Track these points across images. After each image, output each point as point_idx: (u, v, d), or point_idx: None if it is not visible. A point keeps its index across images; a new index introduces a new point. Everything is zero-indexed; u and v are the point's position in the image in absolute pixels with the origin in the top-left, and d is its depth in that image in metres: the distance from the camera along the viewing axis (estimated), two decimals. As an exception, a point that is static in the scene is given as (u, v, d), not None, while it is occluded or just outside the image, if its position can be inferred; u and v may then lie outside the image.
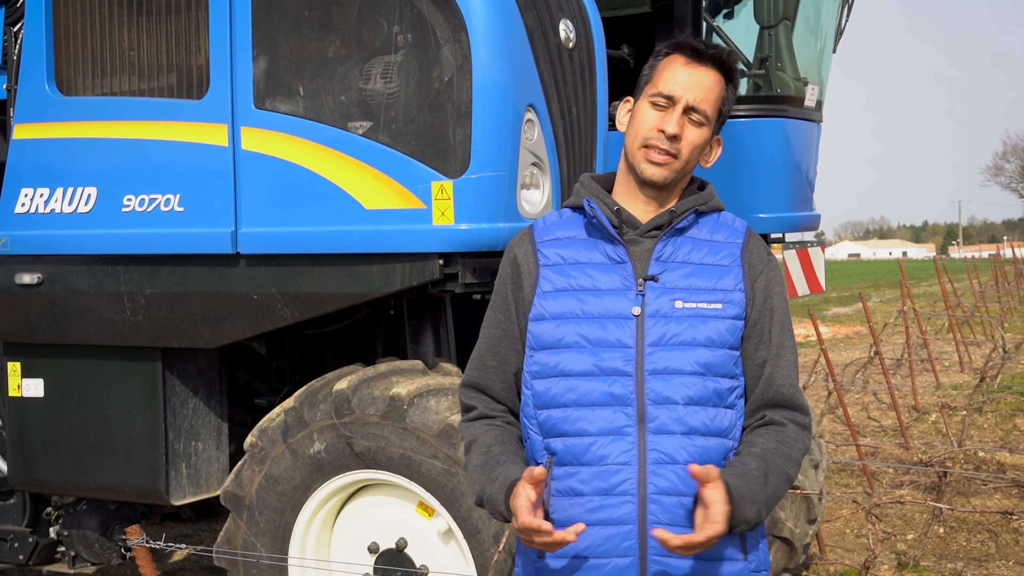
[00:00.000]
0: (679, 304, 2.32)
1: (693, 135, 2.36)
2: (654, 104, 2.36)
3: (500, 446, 2.41)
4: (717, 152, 2.46)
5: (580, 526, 2.19)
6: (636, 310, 2.32)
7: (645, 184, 2.37)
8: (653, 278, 2.34)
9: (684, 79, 2.35)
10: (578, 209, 2.45)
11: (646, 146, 2.35)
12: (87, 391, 4.63)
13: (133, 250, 4.44)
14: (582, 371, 2.32)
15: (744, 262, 2.38)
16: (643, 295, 2.33)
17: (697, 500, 2.22)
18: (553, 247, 2.42)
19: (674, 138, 2.33)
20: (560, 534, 2.17)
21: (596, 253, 2.39)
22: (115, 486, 4.63)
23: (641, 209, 2.40)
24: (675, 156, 2.34)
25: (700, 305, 2.33)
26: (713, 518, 2.16)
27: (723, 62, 2.38)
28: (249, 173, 4.21)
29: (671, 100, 2.35)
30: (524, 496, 2.20)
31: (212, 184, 4.26)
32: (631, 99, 2.45)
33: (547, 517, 2.30)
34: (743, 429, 2.38)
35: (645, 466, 2.28)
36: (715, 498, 2.17)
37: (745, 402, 2.40)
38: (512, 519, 2.24)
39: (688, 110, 2.34)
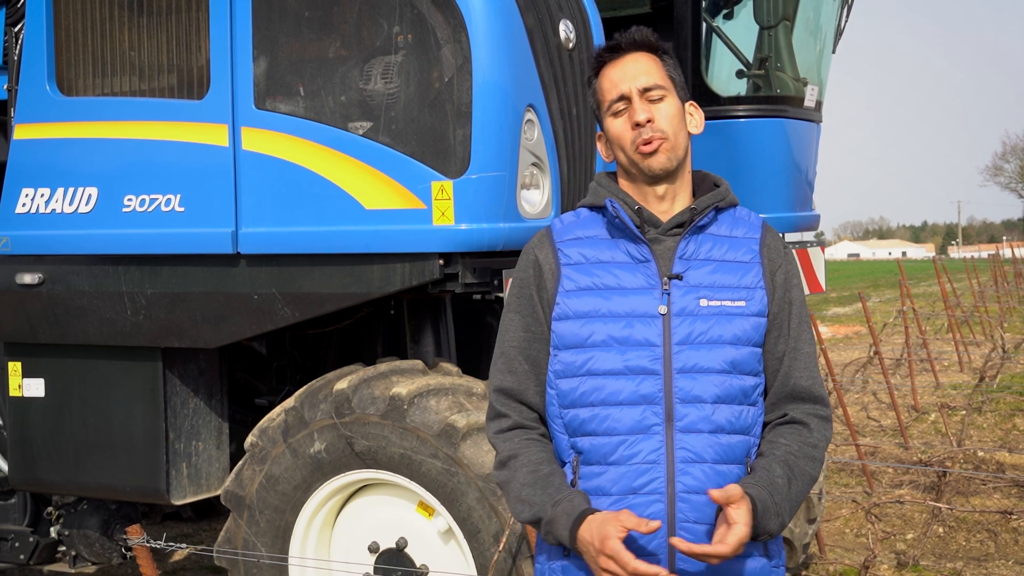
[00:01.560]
0: (704, 302, 2.33)
1: (663, 109, 2.37)
2: (615, 114, 2.39)
3: (549, 466, 2.37)
4: (699, 117, 2.48)
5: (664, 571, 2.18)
6: (662, 309, 2.33)
7: (657, 179, 2.38)
8: (678, 276, 2.34)
9: (619, 75, 2.39)
10: (595, 208, 2.44)
11: (636, 146, 2.36)
12: (88, 391, 4.64)
13: (134, 250, 4.44)
14: (609, 370, 2.32)
15: (763, 257, 2.40)
16: (668, 294, 2.33)
17: (720, 512, 2.22)
18: (574, 246, 2.42)
19: (649, 122, 2.36)
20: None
21: (619, 252, 2.39)
22: (116, 486, 4.63)
23: (656, 208, 2.41)
24: (663, 137, 2.36)
25: (724, 303, 2.34)
26: (730, 539, 2.15)
27: (642, 42, 2.41)
28: (249, 173, 4.22)
29: (624, 98, 2.38)
30: (615, 538, 2.16)
31: (213, 184, 4.27)
32: (600, 133, 2.47)
33: None
34: (764, 425, 2.40)
35: (673, 464, 2.28)
36: (739, 519, 2.16)
37: (765, 396, 2.41)
38: (604, 560, 2.18)
39: (643, 93, 2.37)
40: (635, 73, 2.38)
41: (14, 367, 4.77)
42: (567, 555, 2.33)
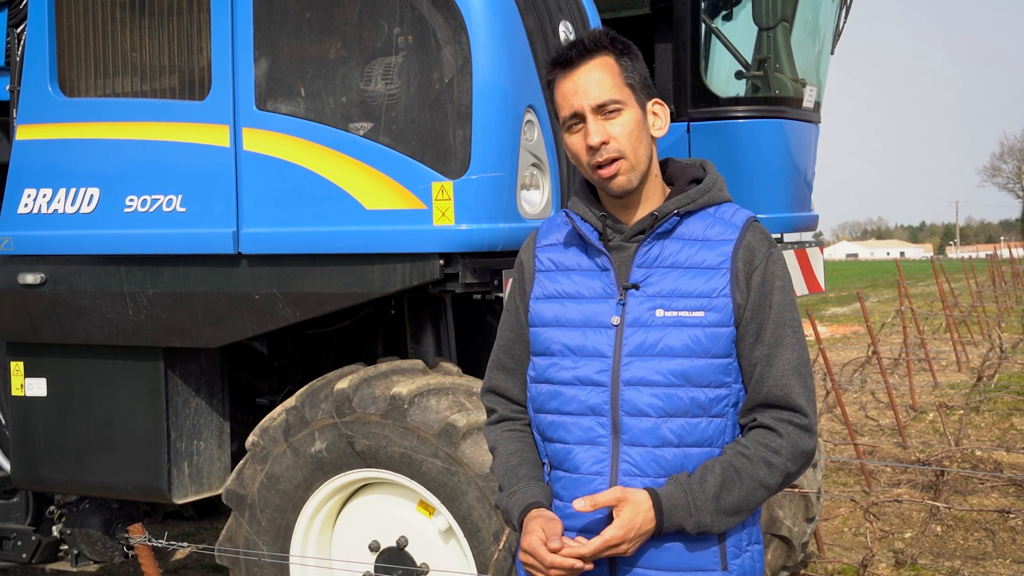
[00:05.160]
0: (660, 312, 2.28)
1: (619, 126, 2.28)
2: (570, 130, 2.32)
3: (519, 456, 2.42)
4: (663, 116, 2.37)
5: (589, 566, 2.21)
6: (615, 319, 2.30)
7: (619, 196, 2.34)
8: (634, 286, 2.31)
9: (571, 90, 2.29)
10: None
11: (593, 168, 2.30)
12: (90, 390, 4.65)
13: (135, 250, 4.46)
14: (563, 379, 2.34)
15: (737, 260, 2.30)
16: (623, 304, 2.31)
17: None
18: (548, 252, 2.43)
19: (603, 144, 2.27)
20: (575, 565, 2.19)
21: (584, 259, 2.38)
22: (118, 485, 4.65)
23: (625, 212, 2.37)
24: (620, 156, 2.28)
25: (681, 313, 2.27)
26: (592, 542, 2.18)
27: (592, 47, 2.29)
28: (250, 174, 4.24)
29: (577, 116, 2.29)
30: (537, 535, 2.21)
31: (214, 185, 4.29)
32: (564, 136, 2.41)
33: None
34: (742, 429, 2.33)
35: (617, 477, 2.27)
36: (615, 522, 2.18)
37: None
38: (522, 554, 2.25)
39: (597, 110, 2.27)
40: (587, 88, 2.27)
41: (16, 367, 4.78)
42: None
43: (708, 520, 2.23)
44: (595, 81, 2.28)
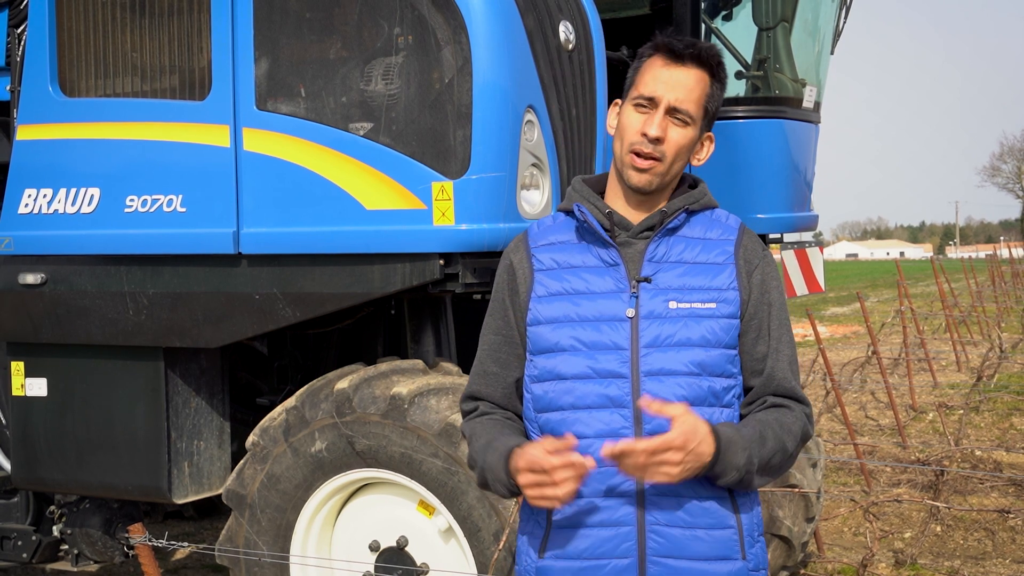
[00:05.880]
0: (673, 305, 2.33)
1: (677, 136, 2.34)
2: (637, 107, 2.35)
3: (497, 430, 2.43)
4: (709, 149, 2.45)
5: (590, 461, 2.21)
6: (630, 312, 2.33)
7: (633, 190, 2.38)
8: (647, 279, 2.35)
9: (665, 79, 2.33)
10: (571, 213, 2.45)
11: (632, 152, 2.34)
12: (90, 390, 4.65)
13: (136, 250, 4.47)
14: (578, 374, 2.34)
15: (738, 258, 2.38)
16: (637, 297, 2.34)
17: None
18: (547, 252, 2.44)
19: (657, 140, 2.32)
20: (577, 459, 2.18)
21: (589, 256, 2.40)
22: (118, 485, 4.65)
23: (632, 211, 2.41)
24: (659, 159, 2.33)
25: (694, 305, 2.33)
26: (655, 440, 2.15)
27: (704, 59, 2.35)
28: (251, 174, 4.24)
29: (652, 102, 2.33)
30: (538, 448, 2.21)
31: (214, 185, 4.29)
32: (619, 102, 2.44)
33: (551, 516, 2.34)
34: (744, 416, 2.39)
35: None
36: (674, 427, 2.16)
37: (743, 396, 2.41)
38: (517, 475, 2.24)
39: (671, 111, 2.33)
40: (677, 87, 2.33)
41: (17, 367, 4.79)
42: (541, 556, 2.36)
43: (756, 462, 2.26)
44: (686, 88, 2.34)
